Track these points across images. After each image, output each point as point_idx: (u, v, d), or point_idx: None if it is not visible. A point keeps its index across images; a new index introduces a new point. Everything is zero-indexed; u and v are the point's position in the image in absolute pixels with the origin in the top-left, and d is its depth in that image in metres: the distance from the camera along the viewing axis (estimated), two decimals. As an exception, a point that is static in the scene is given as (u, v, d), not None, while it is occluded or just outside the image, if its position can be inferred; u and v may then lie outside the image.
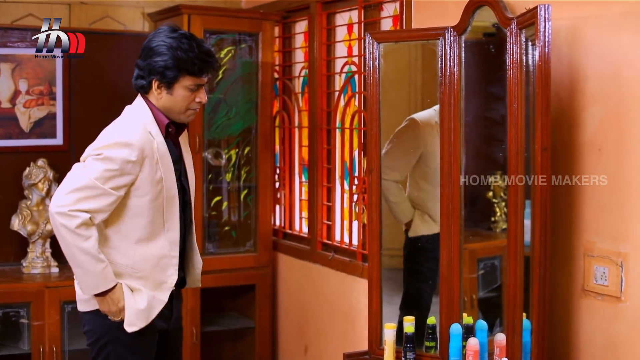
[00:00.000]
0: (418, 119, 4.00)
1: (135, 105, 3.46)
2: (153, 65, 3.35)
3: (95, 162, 3.27)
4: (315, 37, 5.04)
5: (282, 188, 5.63)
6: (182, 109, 3.42)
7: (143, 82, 3.39)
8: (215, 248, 5.40)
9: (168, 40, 3.35)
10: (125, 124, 3.39)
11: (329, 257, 4.95)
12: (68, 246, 3.24)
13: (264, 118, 5.40)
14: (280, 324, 5.57)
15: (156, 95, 3.39)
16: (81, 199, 3.22)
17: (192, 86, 3.37)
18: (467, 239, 3.76)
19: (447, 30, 3.61)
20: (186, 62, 3.31)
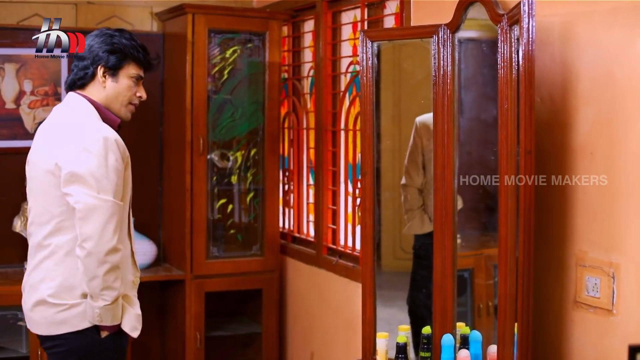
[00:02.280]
0: (417, 120, 3.88)
1: (78, 104, 3.33)
2: (98, 51, 3.31)
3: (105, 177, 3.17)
4: (321, 36, 4.92)
5: (290, 191, 5.52)
6: (125, 101, 3.39)
7: (86, 71, 3.31)
8: (221, 252, 5.30)
9: (108, 32, 3.38)
10: (93, 121, 3.29)
11: (333, 262, 4.83)
12: (114, 280, 3.18)
13: (271, 119, 5.28)
14: (287, 330, 5.46)
15: (100, 85, 3.33)
16: (116, 228, 3.17)
17: (136, 75, 3.39)
18: (484, 245, 3.64)
19: (441, 28, 3.48)
20: (131, 48, 3.37)
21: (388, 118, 4.05)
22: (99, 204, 3.11)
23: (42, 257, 3.26)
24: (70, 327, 3.24)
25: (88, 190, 3.11)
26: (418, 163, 3.96)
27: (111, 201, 3.13)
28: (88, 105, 3.30)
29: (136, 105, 3.44)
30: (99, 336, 3.25)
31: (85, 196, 3.10)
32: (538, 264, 3.14)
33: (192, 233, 5.11)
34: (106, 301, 3.16)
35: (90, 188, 3.11)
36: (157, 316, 5.58)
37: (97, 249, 3.09)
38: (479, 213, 3.76)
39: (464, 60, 3.86)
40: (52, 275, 3.24)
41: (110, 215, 3.12)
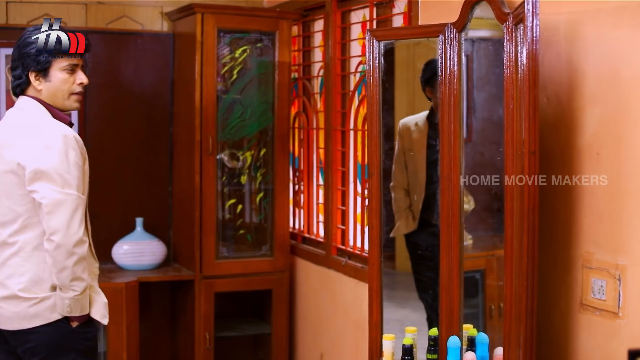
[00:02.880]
0: (400, 122, 3.97)
1: (30, 106, 3.38)
2: (25, 57, 3.34)
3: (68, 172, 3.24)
4: (330, 35, 4.89)
5: (300, 191, 5.49)
6: (65, 94, 3.38)
7: (20, 80, 3.37)
8: (230, 252, 5.29)
9: (32, 33, 3.37)
10: (48, 120, 3.34)
11: (342, 263, 4.80)
12: (82, 271, 3.27)
13: (280, 119, 5.26)
14: (297, 330, 5.43)
15: (36, 88, 3.36)
16: (82, 220, 3.28)
17: (67, 67, 3.36)
18: (496, 245, 3.61)
19: (447, 27, 3.44)
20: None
21: (402, 116, 4.04)
22: (64, 198, 3.20)
23: (9, 254, 3.33)
24: (42, 320, 3.31)
25: (53, 186, 3.20)
26: (402, 164, 4.00)
27: (75, 195, 3.23)
28: (40, 107, 3.36)
29: (81, 93, 3.42)
30: (70, 326, 3.33)
31: (50, 191, 3.20)
32: (544, 265, 3.11)
33: (201, 233, 5.10)
34: (75, 292, 3.26)
35: (54, 183, 3.21)
36: (167, 316, 5.58)
37: (65, 241, 3.18)
38: (492, 213, 3.73)
39: (476, 60, 3.83)
40: (20, 271, 3.31)
41: (75, 208, 3.22)
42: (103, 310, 3.42)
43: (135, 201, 5.44)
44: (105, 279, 4.95)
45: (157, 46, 5.47)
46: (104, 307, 3.42)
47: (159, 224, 5.51)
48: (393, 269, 4.29)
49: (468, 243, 3.96)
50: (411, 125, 3.98)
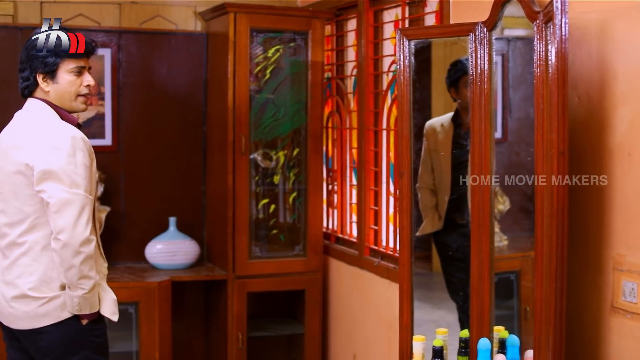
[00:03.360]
0: (427, 124, 3.97)
1: (38, 108, 3.41)
2: (32, 60, 3.37)
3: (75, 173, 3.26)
4: (363, 34, 4.87)
5: (334, 191, 5.47)
6: (72, 95, 3.41)
7: (28, 82, 3.40)
8: (263, 252, 5.28)
9: (35, 37, 3.39)
10: (55, 122, 3.37)
11: (375, 264, 4.78)
12: (89, 269, 3.28)
13: (313, 119, 5.25)
14: (330, 331, 5.42)
15: (44, 90, 3.39)
16: (89, 219, 3.28)
17: (75, 69, 3.38)
18: (532, 246, 3.57)
19: (478, 26, 3.40)
20: (60, 45, 3.35)
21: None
22: (71, 197, 3.22)
23: (19, 254, 3.35)
24: (52, 319, 3.33)
25: (61, 186, 3.22)
26: (428, 165, 3.99)
27: (82, 194, 3.24)
28: (48, 109, 3.39)
29: (88, 94, 3.45)
30: (80, 324, 3.36)
31: (58, 191, 3.22)
32: (575, 267, 3.06)
33: (234, 233, 5.10)
34: (84, 290, 3.27)
35: (62, 183, 3.23)
36: (201, 316, 5.59)
37: (71, 240, 3.20)
38: (527, 214, 3.68)
39: (512, 59, 3.79)
40: (30, 271, 3.33)
41: (82, 207, 3.24)
42: (112, 307, 3.43)
43: (168, 201, 5.45)
44: (138, 278, 4.97)
45: (190, 46, 5.48)
46: (113, 304, 3.44)
47: (192, 223, 5.52)
48: (429, 269, 4.26)
49: (503, 244, 3.92)
50: (437, 126, 3.96)
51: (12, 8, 5.19)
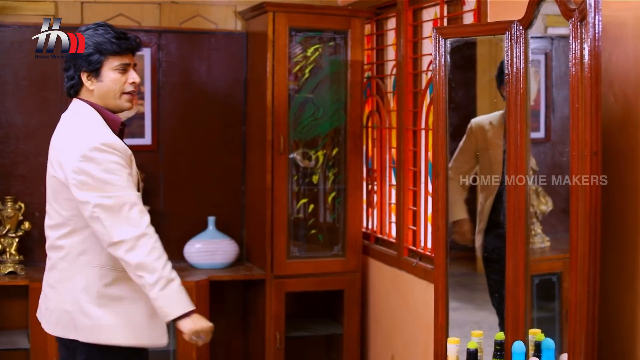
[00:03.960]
0: (472, 122, 3.90)
1: (80, 110, 3.34)
2: (76, 58, 3.29)
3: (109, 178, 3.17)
4: (402, 33, 4.83)
5: (374, 191, 5.44)
6: (117, 93, 3.31)
7: (73, 81, 3.32)
8: (302, 251, 5.27)
9: (85, 33, 3.32)
10: (92, 127, 3.28)
11: (413, 264, 4.74)
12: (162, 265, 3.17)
13: (353, 118, 5.22)
14: (369, 331, 5.39)
15: (89, 89, 3.31)
16: (137, 217, 3.19)
17: (119, 66, 3.30)
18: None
19: (513, 24, 3.35)
20: (105, 43, 3.27)
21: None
22: (108, 202, 3.13)
23: (58, 258, 3.33)
24: (82, 336, 3.27)
25: (96, 193, 3.13)
26: (467, 161, 3.93)
27: (119, 195, 3.15)
28: (90, 110, 3.30)
29: (134, 92, 3.36)
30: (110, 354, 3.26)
31: (95, 198, 3.13)
32: (610, 270, 3.00)
33: (272, 233, 5.10)
34: (159, 285, 3.14)
35: (97, 190, 3.13)
36: (240, 315, 5.59)
37: (126, 241, 3.13)
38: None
39: (556, 58, 3.74)
40: (67, 276, 3.27)
41: (121, 207, 3.14)
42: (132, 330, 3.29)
43: (207, 200, 5.46)
44: (177, 277, 4.98)
45: (230, 45, 5.49)
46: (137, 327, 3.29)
47: (231, 222, 5.52)
48: (474, 270, 4.22)
49: (545, 245, 3.87)
50: (485, 124, 3.90)
51: (53, 8, 5.23)
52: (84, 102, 3.32)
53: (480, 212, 3.97)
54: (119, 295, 3.26)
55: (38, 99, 5.16)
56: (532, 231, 4.02)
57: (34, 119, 5.16)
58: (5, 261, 4.95)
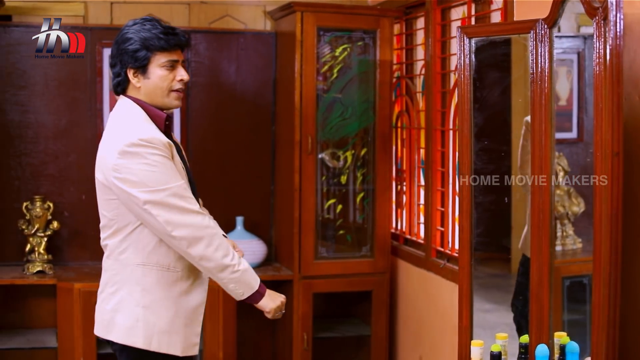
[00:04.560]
0: (527, 120, 3.76)
1: (123, 108, 3.26)
2: (123, 54, 3.20)
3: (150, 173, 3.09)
4: (430, 33, 4.80)
5: (403, 191, 5.41)
6: (165, 91, 3.22)
7: (119, 78, 3.23)
8: (330, 252, 5.25)
9: (131, 28, 3.25)
10: (133, 124, 3.19)
11: (440, 266, 4.70)
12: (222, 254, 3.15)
13: (382, 118, 5.19)
14: (398, 333, 5.35)
15: (135, 86, 3.21)
16: (186, 206, 3.11)
17: (167, 63, 3.19)
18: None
19: (538, 23, 3.30)
20: (152, 39, 3.17)
21: (519, 113, 3.93)
22: (154, 198, 3.06)
23: (105, 257, 3.28)
24: (117, 337, 3.24)
25: (139, 188, 3.07)
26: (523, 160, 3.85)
27: (164, 188, 3.07)
28: (132, 106, 3.22)
29: (182, 90, 3.27)
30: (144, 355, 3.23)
31: (144, 194, 3.06)
32: (634, 273, 2.94)
33: (300, 233, 5.09)
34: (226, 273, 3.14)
35: (138, 186, 3.07)
36: (269, 315, 5.57)
37: (182, 232, 3.08)
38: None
39: (588, 57, 3.67)
40: (110, 275, 3.26)
41: (168, 199, 3.07)
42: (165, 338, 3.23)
43: (236, 200, 5.46)
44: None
45: (259, 45, 5.48)
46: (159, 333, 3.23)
47: (260, 223, 5.52)
48: (508, 271, 4.18)
49: (577, 247, 3.82)
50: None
51: (82, 9, 5.27)
52: (129, 98, 3.24)
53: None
54: (158, 297, 3.22)
55: (67, 99, 5.19)
56: (564, 232, 3.98)
57: (63, 119, 5.19)
58: (33, 260, 4.99)
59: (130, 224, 3.19)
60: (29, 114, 5.15)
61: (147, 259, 3.20)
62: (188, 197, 3.12)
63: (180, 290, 3.23)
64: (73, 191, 5.23)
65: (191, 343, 3.27)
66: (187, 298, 3.25)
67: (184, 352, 3.23)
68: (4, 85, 5.08)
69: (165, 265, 3.20)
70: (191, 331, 3.26)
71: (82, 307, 4.68)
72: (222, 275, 3.15)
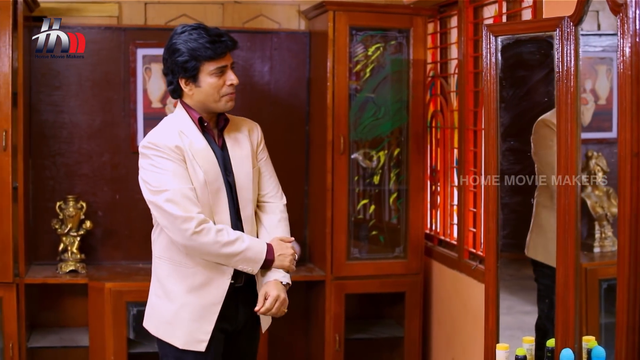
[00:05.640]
0: (541, 118, 3.70)
1: (172, 114, 3.48)
2: (173, 65, 3.32)
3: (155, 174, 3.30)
4: (463, 31, 4.74)
5: (437, 192, 5.35)
6: (216, 97, 3.34)
7: (172, 86, 3.38)
8: (362, 253, 5.21)
9: (179, 38, 3.33)
10: (157, 128, 3.42)
11: (472, 267, 4.64)
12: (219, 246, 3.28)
13: (415, 118, 5.14)
14: (432, 334, 5.30)
15: (188, 94, 3.36)
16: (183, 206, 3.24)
17: (216, 70, 3.30)
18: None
19: (564, 21, 3.23)
20: (199, 49, 3.28)
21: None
22: (154, 198, 3.26)
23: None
24: (150, 327, 3.48)
25: (148, 188, 3.29)
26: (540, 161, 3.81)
27: (163, 190, 3.23)
28: (177, 112, 3.41)
29: (232, 93, 3.37)
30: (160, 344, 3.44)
31: (148, 195, 3.29)
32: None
33: (332, 233, 5.06)
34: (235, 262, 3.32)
35: (147, 184, 3.29)
36: (303, 316, 5.56)
37: (180, 237, 3.24)
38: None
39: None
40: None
41: (168, 204, 3.21)
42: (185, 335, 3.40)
43: (270, 200, 5.43)
44: (235, 277, 4.98)
45: (293, 45, 5.45)
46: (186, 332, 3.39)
47: (294, 223, 5.43)
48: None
49: (615, 248, 3.75)
50: (551, 122, 3.79)
51: (117, 9, 5.28)
52: (181, 103, 3.40)
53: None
54: (168, 289, 3.38)
55: (101, 100, 5.22)
56: (603, 234, 3.91)
57: (97, 119, 5.22)
58: (67, 259, 5.02)
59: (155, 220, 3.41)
60: (64, 114, 5.19)
61: (163, 252, 3.39)
62: (183, 202, 3.23)
63: (192, 286, 3.35)
64: (107, 191, 5.26)
65: (195, 339, 3.34)
66: (199, 294, 3.35)
67: (184, 345, 3.34)
68: (38, 85, 5.12)
69: (177, 260, 3.35)
70: (198, 327, 3.34)
71: (112, 306, 4.70)
72: (226, 262, 3.31)
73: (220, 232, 3.26)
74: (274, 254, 3.42)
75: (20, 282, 4.80)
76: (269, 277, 3.42)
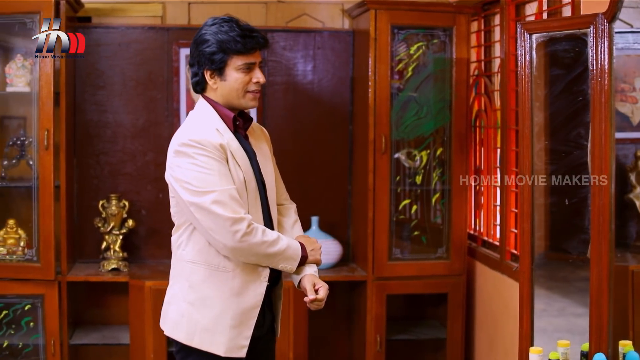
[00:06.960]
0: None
1: (197, 108, 3.32)
2: (200, 55, 3.21)
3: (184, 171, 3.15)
4: (505, 29, 4.67)
5: (481, 192, 5.28)
6: (241, 93, 3.22)
7: (197, 78, 3.25)
8: (405, 253, 5.16)
9: (209, 29, 3.24)
10: (191, 124, 3.25)
11: (513, 269, 4.58)
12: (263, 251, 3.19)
13: (458, 118, 5.08)
14: (475, 336, 5.24)
15: (212, 87, 3.24)
16: (231, 208, 3.13)
17: (243, 66, 3.19)
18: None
19: (598, 18, 3.17)
20: (229, 42, 3.17)
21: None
22: (197, 200, 3.10)
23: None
24: (168, 329, 3.33)
25: (189, 188, 3.11)
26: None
27: (208, 192, 3.10)
28: (205, 108, 3.26)
29: (258, 91, 3.26)
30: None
31: (190, 196, 3.12)
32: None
33: (374, 233, 5.02)
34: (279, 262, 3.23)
35: (189, 185, 3.11)
36: (345, 316, 5.54)
37: (225, 239, 3.10)
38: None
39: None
40: (172, 271, 3.35)
41: (210, 205, 3.08)
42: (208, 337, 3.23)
43: (313, 200, 5.41)
44: (277, 277, 4.98)
45: (336, 44, 5.43)
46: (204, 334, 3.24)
47: (337, 223, 5.47)
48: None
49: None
50: None
51: (161, 9, 5.32)
52: (204, 99, 3.29)
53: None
54: (204, 295, 3.22)
55: (145, 99, 5.25)
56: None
57: (141, 119, 5.26)
58: (109, 258, 5.07)
59: (185, 222, 3.24)
60: (108, 113, 5.24)
61: (197, 256, 3.22)
62: (231, 204, 3.11)
63: (231, 290, 3.21)
64: (150, 190, 5.29)
65: (237, 345, 3.22)
66: (239, 299, 3.22)
67: (227, 352, 3.20)
68: (83, 85, 5.17)
69: (214, 264, 3.20)
70: (239, 333, 3.21)
71: (152, 304, 4.71)
72: (268, 262, 3.21)
73: (265, 232, 3.17)
74: (307, 250, 3.33)
75: (63, 279, 4.86)
76: (306, 272, 3.31)
